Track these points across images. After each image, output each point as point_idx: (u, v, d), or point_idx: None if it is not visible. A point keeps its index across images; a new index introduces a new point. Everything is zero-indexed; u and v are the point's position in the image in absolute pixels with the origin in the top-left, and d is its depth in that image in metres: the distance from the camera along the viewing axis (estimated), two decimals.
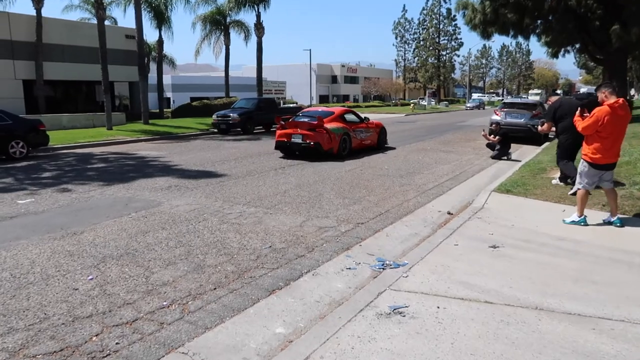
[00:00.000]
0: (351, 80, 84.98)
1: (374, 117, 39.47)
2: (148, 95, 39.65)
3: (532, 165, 10.30)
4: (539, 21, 25.14)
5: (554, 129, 8.73)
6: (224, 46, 38.11)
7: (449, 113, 48.49)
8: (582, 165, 6.29)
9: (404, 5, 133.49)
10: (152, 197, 8.10)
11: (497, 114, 17.94)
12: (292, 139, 13.13)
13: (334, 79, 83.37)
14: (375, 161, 12.65)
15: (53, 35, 27.27)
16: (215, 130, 22.81)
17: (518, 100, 23.15)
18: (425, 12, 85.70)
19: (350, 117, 14.74)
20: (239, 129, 22.31)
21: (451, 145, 16.72)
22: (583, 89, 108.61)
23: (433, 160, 12.90)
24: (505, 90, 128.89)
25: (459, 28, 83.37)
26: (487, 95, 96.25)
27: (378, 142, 15.51)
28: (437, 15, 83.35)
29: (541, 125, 8.92)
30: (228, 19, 37.48)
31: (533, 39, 28.96)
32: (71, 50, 28.63)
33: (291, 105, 41.77)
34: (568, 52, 42.30)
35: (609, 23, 21.68)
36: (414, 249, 5.51)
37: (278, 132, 13.59)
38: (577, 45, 31.23)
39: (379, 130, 15.65)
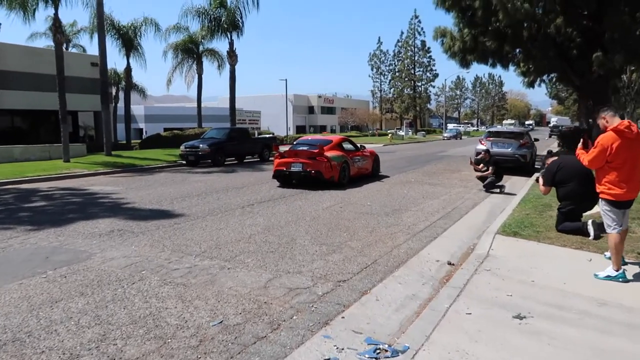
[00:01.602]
0: (328, 110, 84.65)
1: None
2: (118, 126, 38.33)
3: (534, 201, 9.11)
4: (517, 50, 24.69)
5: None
6: (196, 75, 36.99)
7: (426, 143, 47.95)
8: (603, 205, 5.08)
9: (379, 37, 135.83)
10: (83, 247, 6.55)
11: (483, 144, 16.98)
12: (292, 168, 12.89)
13: (310, 110, 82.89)
14: (355, 196, 11.33)
15: (11, 61, 25.62)
16: (184, 162, 21.29)
17: (504, 129, 22.39)
18: (400, 44, 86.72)
19: (347, 145, 14.54)
20: (209, 161, 20.83)
21: (436, 177, 15.56)
22: (553, 119, 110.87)
23: (419, 195, 11.65)
24: (479, 120, 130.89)
25: (434, 60, 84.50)
26: (462, 125, 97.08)
27: (372, 170, 15.33)
28: (412, 47, 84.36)
29: (537, 182, 7.56)
30: (201, 47, 36.46)
31: (511, 68, 28.64)
32: (32, 78, 26.94)
33: (266, 135, 40.61)
34: (544, 81, 42.55)
35: (589, 51, 21.25)
36: (415, 320, 4.13)
37: (276, 161, 13.38)
38: (555, 75, 31.10)
39: (373, 157, 15.49)
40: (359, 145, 15.09)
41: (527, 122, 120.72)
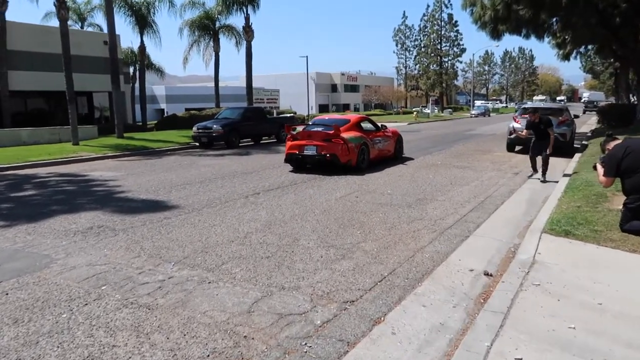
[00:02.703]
0: (351, 88, 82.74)
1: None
2: (138, 107, 37.57)
3: (583, 189, 7.74)
4: (555, 18, 22.71)
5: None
6: (214, 53, 35.88)
7: (453, 121, 46.00)
8: None
9: (404, 11, 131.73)
10: (48, 250, 5.56)
11: (517, 122, 15.43)
12: (305, 151, 11.72)
13: (333, 88, 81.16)
14: (374, 183, 10.11)
15: (21, 41, 24.93)
16: (197, 144, 20.36)
17: (541, 105, 20.65)
18: (425, 18, 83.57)
19: (366, 125, 13.24)
20: (223, 142, 19.84)
21: (465, 159, 14.17)
22: (585, 94, 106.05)
23: (447, 180, 10.36)
24: (508, 96, 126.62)
25: (461, 34, 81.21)
26: (490, 102, 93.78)
27: (395, 152, 14.11)
28: (439, 21, 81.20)
29: (596, 170, 5.97)
30: (217, 24, 35.26)
31: (545, 40, 26.57)
32: (43, 58, 26.24)
33: (286, 115, 39.42)
34: (580, 53, 40.00)
35: (636, 17, 19.26)
36: None
37: (288, 143, 12.20)
38: (594, 46, 28.86)
39: (396, 138, 14.22)
40: (380, 124, 13.81)
41: (558, 98, 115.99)
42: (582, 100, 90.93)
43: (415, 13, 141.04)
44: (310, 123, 13.82)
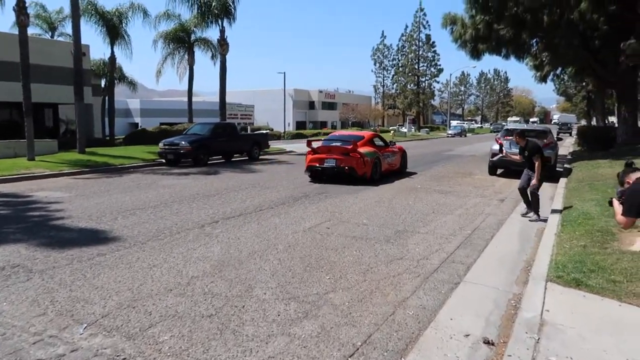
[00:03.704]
0: (329, 106, 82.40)
1: None
2: (114, 120, 35.92)
3: (583, 223, 6.87)
4: (535, 39, 22.41)
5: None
6: (188, 67, 34.74)
7: (430, 141, 45.68)
8: None
9: (383, 31, 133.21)
10: None
11: (499, 142, 14.73)
12: (325, 164, 12.87)
13: (311, 105, 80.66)
14: (349, 210, 9.11)
15: None
16: (163, 160, 19.12)
17: (524, 126, 20.12)
18: (404, 38, 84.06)
19: (377, 141, 14.34)
20: (190, 160, 18.65)
21: (446, 183, 13.33)
22: (556, 116, 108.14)
23: (428, 207, 9.43)
24: (483, 117, 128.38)
25: (438, 54, 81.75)
26: (465, 122, 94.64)
27: (400, 166, 15.32)
28: (417, 41, 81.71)
29: (612, 206, 5.14)
30: (193, 36, 34.20)
31: (521, 62, 26.27)
32: (8, 67, 24.64)
33: (261, 132, 38.38)
34: (557, 75, 40.21)
35: (617, 40, 18.97)
36: None
37: (309, 156, 13.30)
38: (570, 69, 28.75)
39: (401, 154, 15.41)
40: (388, 141, 15.10)
41: (531, 120, 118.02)
42: (553, 122, 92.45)
43: (394, 33, 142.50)
44: (327, 139, 14.70)
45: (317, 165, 12.94)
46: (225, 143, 20.05)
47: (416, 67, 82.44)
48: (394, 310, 4.27)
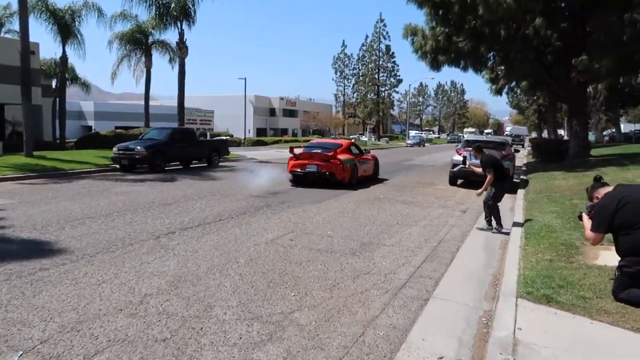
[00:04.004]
0: (290, 113, 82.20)
1: None
2: (66, 123, 34.22)
3: (546, 236, 6.88)
4: (492, 53, 23.00)
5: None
6: (145, 69, 33.72)
7: (390, 150, 46.15)
8: None
9: (344, 40, 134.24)
10: None
11: (460, 154, 14.89)
12: (307, 169, 13.73)
13: (272, 112, 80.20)
14: (312, 221, 8.86)
15: None
16: (117, 166, 18.32)
17: (483, 137, 20.51)
18: (364, 48, 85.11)
19: (354, 149, 15.19)
20: (146, 166, 17.94)
21: (408, 193, 13.31)
22: (508, 128, 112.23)
23: (392, 218, 9.32)
24: (440, 128, 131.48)
25: (398, 65, 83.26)
26: (424, 132, 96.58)
27: (373, 173, 16.16)
28: (377, 52, 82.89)
29: (581, 221, 4.86)
30: (150, 38, 33.26)
31: (478, 74, 26.92)
32: None
33: (221, 137, 37.69)
34: (511, 89, 41.59)
35: (569, 55, 19.71)
36: None
37: (291, 162, 14.11)
38: (525, 82, 29.68)
39: (374, 161, 16.31)
40: (362, 149, 16.03)
41: (486, 131, 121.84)
42: (506, 134, 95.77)
43: (354, 42, 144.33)
44: (308, 146, 15.43)
45: (299, 170, 13.80)
46: (184, 149, 19.44)
47: (376, 76, 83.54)
48: (363, 331, 4.04)
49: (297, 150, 14.54)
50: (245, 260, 5.98)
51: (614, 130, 56.36)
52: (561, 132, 64.72)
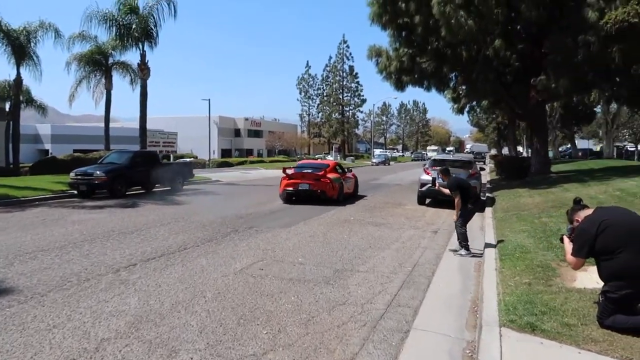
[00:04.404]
0: (255, 134, 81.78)
1: (279, 173, 35.78)
2: (21, 147, 32.60)
3: (521, 257, 6.79)
4: (454, 73, 23.46)
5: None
6: (105, 91, 32.79)
7: (356, 169, 46.03)
8: None
9: (308, 61, 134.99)
10: None
11: (428, 173, 14.94)
12: (299, 187, 14.93)
13: (237, 133, 79.56)
14: (283, 246, 8.54)
15: None
16: (75, 192, 17.49)
17: (450, 157, 20.72)
18: (328, 68, 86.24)
19: (339, 169, 16.54)
20: (106, 191, 17.21)
21: (378, 214, 13.17)
22: (468, 146, 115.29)
23: (364, 241, 9.10)
24: (404, 146, 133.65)
25: (361, 85, 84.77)
26: (388, 150, 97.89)
27: (354, 191, 17.48)
28: (340, 72, 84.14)
29: (562, 243, 4.68)
30: (110, 59, 32.45)
31: (440, 93, 27.42)
32: None
33: (186, 160, 36.92)
34: (473, 108, 42.61)
35: (527, 76, 20.30)
36: None
37: (284, 181, 15.23)
38: (487, 102, 30.42)
39: (355, 180, 17.71)
40: (345, 169, 17.45)
41: (448, 149, 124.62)
42: (466, 151, 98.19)
43: (319, 63, 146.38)
44: (298, 166, 16.66)
45: (292, 188, 14.95)
46: (146, 172, 18.78)
47: (341, 97, 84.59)
48: None
49: (289, 171, 15.55)
50: (212, 295, 5.60)
51: (569, 146, 58.47)
52: (520, 148, 66.66)
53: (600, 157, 47.06)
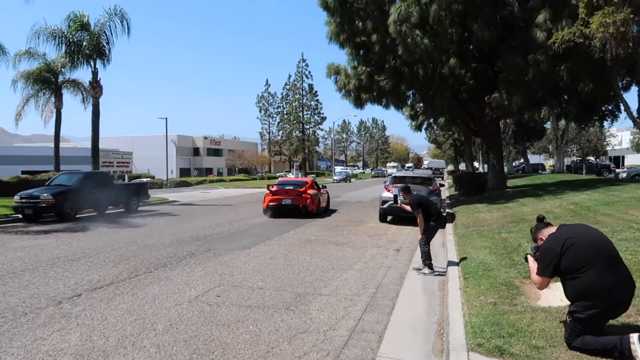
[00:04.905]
0: (215, 152, 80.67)
1: (239, 192, 35.21)
2: None
3: (484, 276, 6.69)
4: (412, 91, 23.83)
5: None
6: (55, 110, 31.46)
7: None
8: None
9: (267, 79, 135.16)
10: None
11: (389, 190, 14.89)
12: (283, 202, 16.50)
13: (196, 152, 78.23)
14: (242, 270, 8.16)
15: None
16: (20, 216, 16.48)
17: (410, 173, 20.83)
18: (288, 86, 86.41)
19: (315, 186, 18.12)
20: (54, 215, 16.30)
21: (340, 232, 12.96)
22: (426, 162, 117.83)
23: (327, 263, 8.85)
24: (364, 163, 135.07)
25: (321, 103, 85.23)
26: (349, 167, 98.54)
27: (327, 205, 19.17)
28: (300, 90, 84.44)
29: (527, 262, 4.59)
30: (61, 77, 31.22)
31: (396, 111, 27.83)
32: None
33: (142, 180, 35.90)
34: (431, 125, 43.46)
35: (482, 94, 20.83)
36: None
37: (268, 197, 16.73)
38: (444, 118, 31.06)
39: (327, 195, 19.38)
40: (320, 185, 19.10)
41: (407, 165, 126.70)
42: (424, 167, 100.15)
43: (278, 81, 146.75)
44: (280, 183, 18.09)
45: (276, 203, 16.47)
46: (98, 194, 17.91)
47: (301, 114, 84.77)
48: None
49: (273, 188, 17.04)
50: (164, 326, 5.19)
51: (522, 161, 60.49)
52: (476, 164, 68.50)
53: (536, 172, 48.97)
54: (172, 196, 28.76)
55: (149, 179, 44.83)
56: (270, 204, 16.58)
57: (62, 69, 30.23)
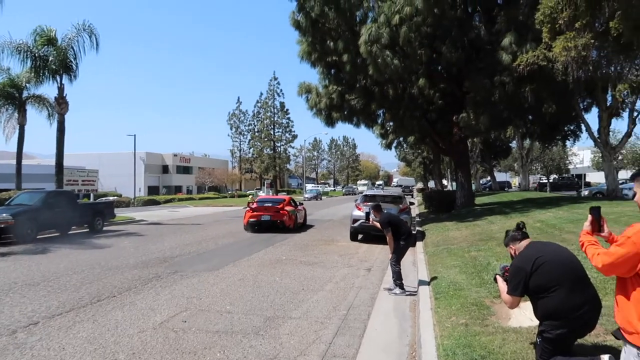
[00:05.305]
0: (184, 170, 79.54)
1: (209, 210, 34.68)
2: None
3: (455, 295, 6.68)
4: (382, 110, 24.12)
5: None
6: (18, 126, 30.50)
7: None
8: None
9: (239, 97, 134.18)
10: None
11: (360, 209, 14.89)
12: (262, 218, 17.52)
13: (165, 169, 76.97)
14: (210, 292, 7.94)
15: None
16: None
17: (381, 192, 20.94)
18: (259, 104, 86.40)
19: (292, 202, 19.37)
20: (12, 236, 15.61)
21: (311, 252, 12.84)
22: (395, 179, 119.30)
23: (297, 283, 8.70)
24: (335, 180, 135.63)
25: (292, 121, 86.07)
26: (320, 185, 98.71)
27: (304, 221, 20.43)
28: (271, 108, 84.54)
29: (497, 282, 4.48)
30: (25, 93, 30.35)
31: (373, 129, 28.15)
32: None
33: (108, 199, 34.97)
34: (401, 143, 44.00)
35: (450, 113, 21.24)
36: None
37: (248, 213, 17.83)
38: (414, 137, 31.52)
39: (304, 211, 20.93)
40: (297, 202, 20.59)
41: (377, 182, 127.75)
42: (394, 185, 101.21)
43: (249, 98, 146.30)
44: (259, 200, 19.38)
45: (256, 219, 17.54)
46: (60, 214, 17.28)
47: (272, 132, 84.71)
48: None
49: (252, 205, 18.30)
50: (126, 356, 4.95)
51: (489, 179, 61.84)
52: (445, 182, 69.63)
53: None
54: (139, 215, 28.07)
55: (115, 197, 43.68)
56: (250, 220, 17.62)
57: (27, 84, 29.44)
